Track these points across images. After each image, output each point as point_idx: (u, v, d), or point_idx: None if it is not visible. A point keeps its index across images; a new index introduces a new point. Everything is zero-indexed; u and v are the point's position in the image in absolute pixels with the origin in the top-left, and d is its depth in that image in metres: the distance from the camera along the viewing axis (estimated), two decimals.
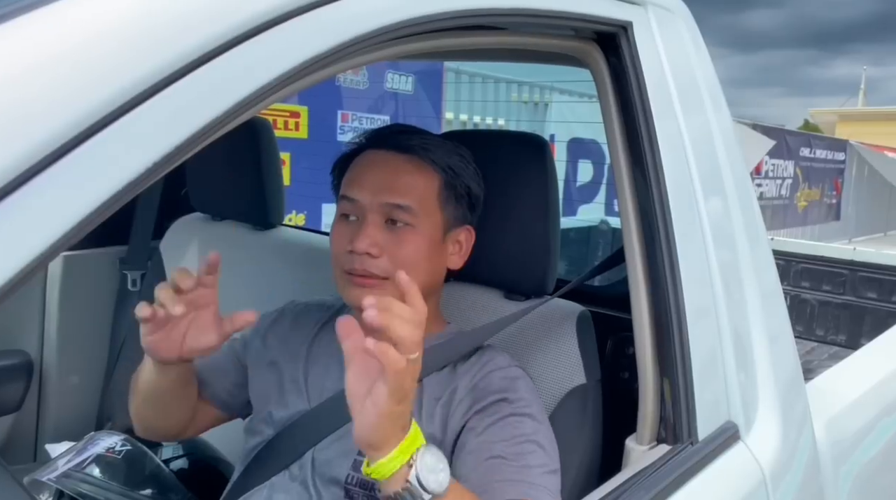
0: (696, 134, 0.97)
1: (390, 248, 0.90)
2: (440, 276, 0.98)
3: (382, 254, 0.90)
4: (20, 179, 0.42)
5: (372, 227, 0.90)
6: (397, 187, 0.91)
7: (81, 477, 1.10)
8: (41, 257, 0.42)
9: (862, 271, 2.83)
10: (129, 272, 1.69)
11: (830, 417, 1.18)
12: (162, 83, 0.48)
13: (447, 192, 0.95)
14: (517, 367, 0.94)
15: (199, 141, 0.49)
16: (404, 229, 0.91)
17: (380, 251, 0.89)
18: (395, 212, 0.91)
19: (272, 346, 1.06)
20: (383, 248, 0.90)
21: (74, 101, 0.45)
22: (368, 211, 0.91)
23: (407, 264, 0.89)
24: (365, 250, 0.89)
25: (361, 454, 0.90)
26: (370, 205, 0.91)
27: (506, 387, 0.90)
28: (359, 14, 0.61)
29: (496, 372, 0.92)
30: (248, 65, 0.53)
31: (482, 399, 0.89)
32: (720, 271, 0.96)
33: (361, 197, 0.91)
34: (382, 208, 0.91)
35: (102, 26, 0.49)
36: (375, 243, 0.89)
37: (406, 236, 0.91)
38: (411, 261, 0.90)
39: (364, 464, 0.72)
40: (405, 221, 0.91)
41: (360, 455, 0.89)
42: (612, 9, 0.88)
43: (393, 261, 0.90)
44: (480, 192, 1.00)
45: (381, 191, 0.91)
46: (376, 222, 0.91)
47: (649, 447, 0.89)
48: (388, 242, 0.90)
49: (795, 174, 10.12)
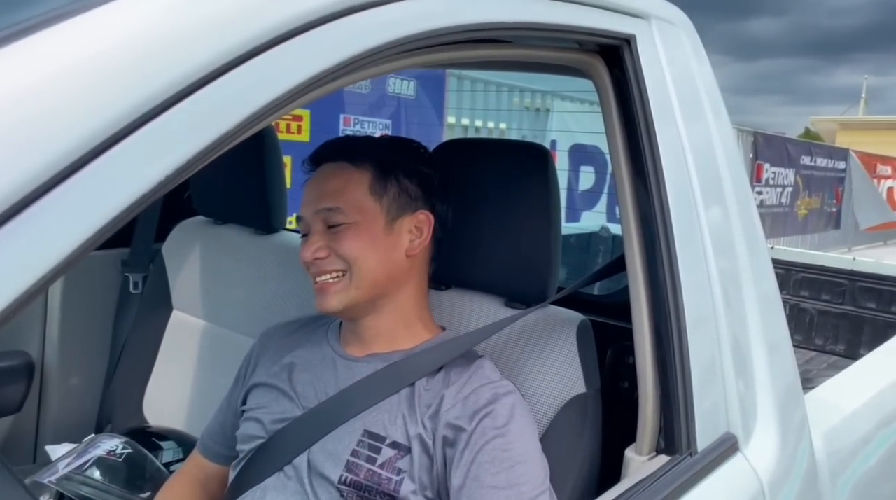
0: (697, 144, 0.98)
1: (333, 246, 0.96)
2: (399, 264, 0.99)
3: (330, 254, 0.96)
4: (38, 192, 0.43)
5: (315, 235, 0.97)
6: (326, 193, 0.97)
7: (82, 480, 1.11)
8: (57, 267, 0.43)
9: (861, 280, 2.83)
10: (130, 275, 1.69)
11: (828, 428, 1.19)
12: (176, 97, 0.49)
13: (379, 183, 0.99)
14: (507, 382, 0.95)
15: (210, 154, 0.49)
16: (342, 228, 0.96)
17: (327, 252, 0.96)
18: (329, 216, 0.96)
19: (260, 372, 1.08)
20: (329, 248, 0.96)
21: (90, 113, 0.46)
22: (312, 223, 0.98)
23: (352, 255, 0.95)
24: (311, 258, 0.96)
25: (355, 454, 0.91)
26: (311, 217, 0.98)
27: (491, 401, 0.90)
28: (370, 28, 0.62)
29: (486, 386, 0.92)
30: (261, 78, 0.54)
31: (470, 417, 0.89)
32: (720, 279, 0.97)
33: (304, 213, 0.99)
34: (319, 216, 0.97)
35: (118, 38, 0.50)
36: (320, 247, 0.96)
37: (345, 234, 0.96)
38: (355, 254, 0.96)
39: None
40: (339, 221, 0.96)
41: (352, 457, 0.91)
42: (616, 22, 0.88)
43: (340, 256, 0.96)
44: (428, 173, 1.03)
45: (314, 200, 0.98)
46: (319, 230, 0.97)
47: (648, 458, 0.90)
48: (330, 241, 0.96)
49: (796, 182, 10.12)
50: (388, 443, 0.91)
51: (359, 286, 0.96)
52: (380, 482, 0.89)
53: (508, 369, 1.00)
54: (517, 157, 1.08)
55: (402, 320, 1.01)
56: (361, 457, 0.91)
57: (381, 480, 0.89)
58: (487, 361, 0.98)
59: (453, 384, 0.93)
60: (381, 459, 0.90)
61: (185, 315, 1.57)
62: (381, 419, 0.92)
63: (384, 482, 0.89)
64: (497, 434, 0.87)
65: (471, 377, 0.93)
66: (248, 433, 1.02)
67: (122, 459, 1.16)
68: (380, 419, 0.93)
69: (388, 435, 0.91)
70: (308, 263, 0.96)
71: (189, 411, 1.51)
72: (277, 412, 1.00)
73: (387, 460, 0.90)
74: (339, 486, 0.91)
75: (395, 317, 1.00)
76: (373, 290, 0.97)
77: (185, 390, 1.53)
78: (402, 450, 0.90)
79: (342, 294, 0.96)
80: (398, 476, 0.89)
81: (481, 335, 0.99)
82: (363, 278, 0.96)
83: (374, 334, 1.00)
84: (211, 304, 1.53)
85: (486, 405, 0.90)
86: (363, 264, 0.96)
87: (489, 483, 0.84)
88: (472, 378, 0.93)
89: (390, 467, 0.89)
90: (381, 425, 0.92)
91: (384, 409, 0.93)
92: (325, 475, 0.92)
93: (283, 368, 1.04)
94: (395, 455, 0.90)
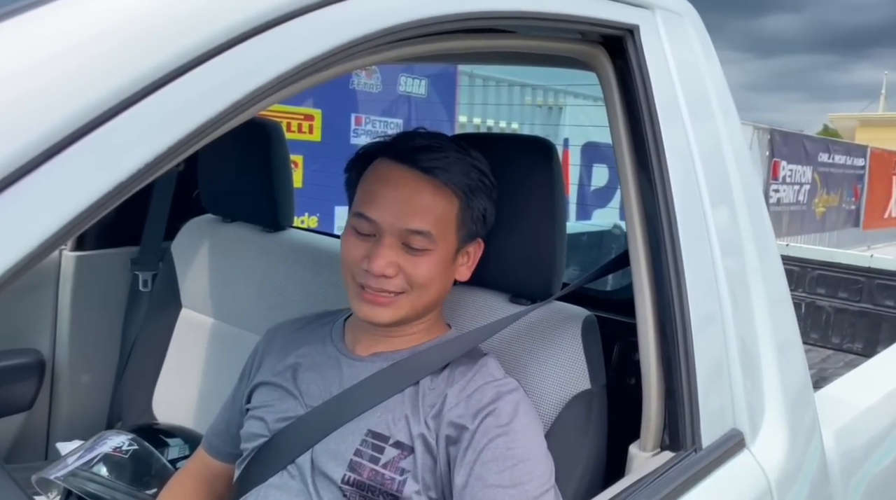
0: (704, 140, 0.96)
1: (406, 268, 0.91)
2: (449, 288, 0.99)
3: (398, 273, 0.91)
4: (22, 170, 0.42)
5: (388, 249, 0.90)
6: (417, 213, 0.90)
7: (89, 476, 1.11)
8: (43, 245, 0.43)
9: (879, 278, 2.79)
10: (140, 273, 1.70)
11: (840, 426, 1.17)
12: (162, 80, 0.49)
13: (464, 214, 0.94)
14: (511, 379, 0.94)
15: (196, 140, 0.49)
16: (421, 253, 0.91)
17: (396, 272, 0.90)
18: (412, 238, 0.90)
19: (264, 370, 1.07)
20: (400, 267, 0.91)
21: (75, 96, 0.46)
22: (386, 233, 0.91)
23: (422, 283, 0.91)
24: (381, 272, 0.89)
25: (358, 454, 0.90)
26: (389, 228, 0.91)
27: (494, 399, 0.89)
28: (365, 15, 0.61)
29: (490, 384, 0.91)
30: (244, 68, 0.53)
31: (473, 415, 0.88)
32: (727, 279, 0.95)
33: (380, 219, 0.91)
34: (400, 232, 0.91)
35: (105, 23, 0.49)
36: (392, 265, 0.90)
37: (422, 260, 0.91)
38: (426, 281, 0.92)
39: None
40: (422, 246, 0.91)
41: (355, 456, 0.91)
42: (619, 12, 0.87)
43: (408, 281, 0.91)
44: (494, 205, 0.99)
45: (400, 215, 0.90)
46: (393, 245, 0.91)
47: (653, 454, 0.89)
48: (404, 263, 0.91)
49: (814, 180, 10.00)
50: (392, 443, 0.90)
51: (414, 308, 0.94)
52: (383, 482, 0.88)
53: (513, 366, 1.00)
54: (522, 151, 1.08)
55: (422, 327, 1.00)
56: (365, 457, 0.90)
57: (384, 480, 0.88)
58: (491, 358, 0.97)
59: (457, 382, 0.92)
60: (385, 459, 0.89)
61: (193, 313, 1.58)
62: (384, 419, 0.92)
63: (387, 481, 0.88)
64: (500, 433, 0.86)
65: (475, 375, 0.93)
66: (252, 432, 1.02)
67: (128, 456, 1.17)
68: (383, 418, 0.92)
69: (391, 435, 0.91)
70: (370, 273, 0.90)
71: (198, 409, 1.52)
72: (281, 411, 0.99)
73: (390, 459, 0.89)
74: (342, 485, 0.90)
75: (419, 326, 0.99)
76: (421, 312, 0.96)
77: (194, 387, 1.53)
78: (406, 450, 0.90)
79: (396, 311, 0.93)
80: (401, 476, 0.88)
81: (486, 333, 0.98)
82: (422, 302, 0.94)
83: (388, 336, 0.99)
84: (219, 302, 1.53)
85: (489, 404, 0.89)
86: (427, 292, 0.93)
87: (493, 482, 0.83)
88: (476, 376, 0.93)
89: (393, 466, 0.89)
90: (385, 424, 0.91)
91: (388, 409, 0.92)
92: (327, 475, 0.92)
93: (288, 367, 1.03)
94: (399, 455, 0.90)
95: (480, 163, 0.97)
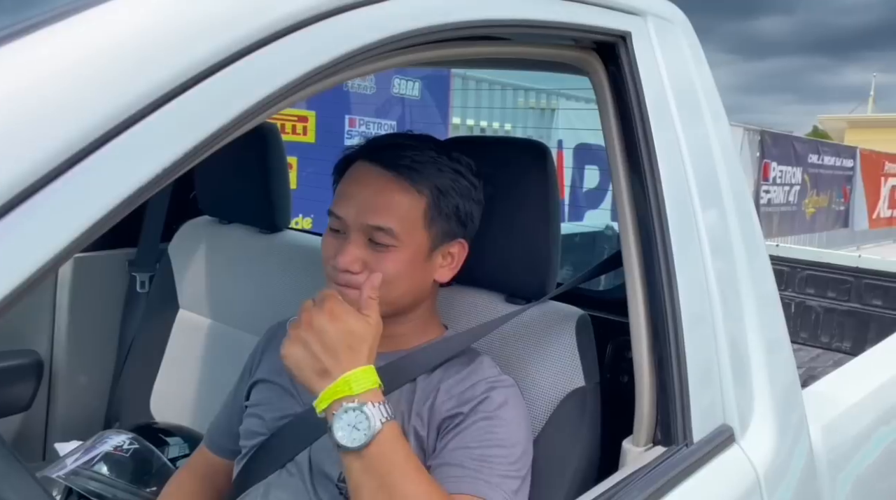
0: (694, 143, 0.98)
1: (371, 264, 0.92)
2: (425, 288, 0.99)
3: (363, 270, 0.91)
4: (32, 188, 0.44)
5: (353, 245, 0.92)
6: (379, 209, 0.92)
7: (90, 475, 1.13)
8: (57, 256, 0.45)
9: (867, 278, 2.82)
10: (137, 274, 1.71)
11: (827, 422, 1.19)
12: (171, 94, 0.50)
13: (433, 212, 0.95)
14: (506, 377, 0.96)
15: (204, 150, 0.51)
16: (385, 249, 0.92)
17: (361, 267, 0.91)
18: (375, 233, 0.92)
19: (263, 369, 1.09)
20: (365, 263, 0.92)
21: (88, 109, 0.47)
22: (351, 229, 0.93)
23: (388, 280, 0.91)
24: (345, 268, 0.91)
25: None
26: (353, 224, 0.93)
27: (488, 390, 0.91)
28: (366, 25, 0.63)
29: (484, 381, 0.93)
30: (257, 75, 0.55)
31: (464, 403, 0.91)
32: (717, 279, 0.97)
33: (346, 215, 0.93)
34: (364, 228, 0.92)
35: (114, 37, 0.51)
36: (356, 260, 0.91)
37: (386, 256, 0.92)
38: (391, 278, 0.92)
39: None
40: (385, 242, 0.92)
41: None
42: (611, 19, 0.89)
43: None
44: (475, 206, 1.00)
45: (363, 211, 0.92)
46: (358, 241, 0.92)
47: (645, 449, 0.91)
48: (370, 258, 0.92)
49: (803, 181, 10.07)
50: None
51: (384, 305, 0.92)
52: None
53: (509, 364, 1.01)
54: (516, 153, 1.10)
55: (413, 325, 1.01)
56: None
57: None
58: (486, 358, 0.99)
59: (450, 378, 0.94)
60: None
61: (191, 314, 1.59)
62: None
63: None
64: (485, 416, 0.89)
65: (469, 374, 0.94)
66: (251, 430, 1.03)
67: (128, 454, 1.18)
68: None
69: None
70: (338, 269, 0.92)
71: (195, 409, 1.53)
72: (279, 409, 1.01)
73: None
74: (339, 483, 0.92)
75: (408, 324, 1.00)
76: (392, 308, 0.95)
77: (192, 388, 1.54)
78: None
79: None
80: None
81: (482, 332, 1.00)
82: (388, 299, 0.93)
83: (383, 335, 0.96)
84: (217, 303, 1.55)
85: (481, 394, 0.91)
86: (393, 289, 0.93)
87: (461, 446, 0.86)
88: (471, 375, 0.94)
89: None
90: None
91: None
92: (325, 473, 0.93)
93: (282, 367, 1.04)
94: None
95: (460, 164, 0.97)
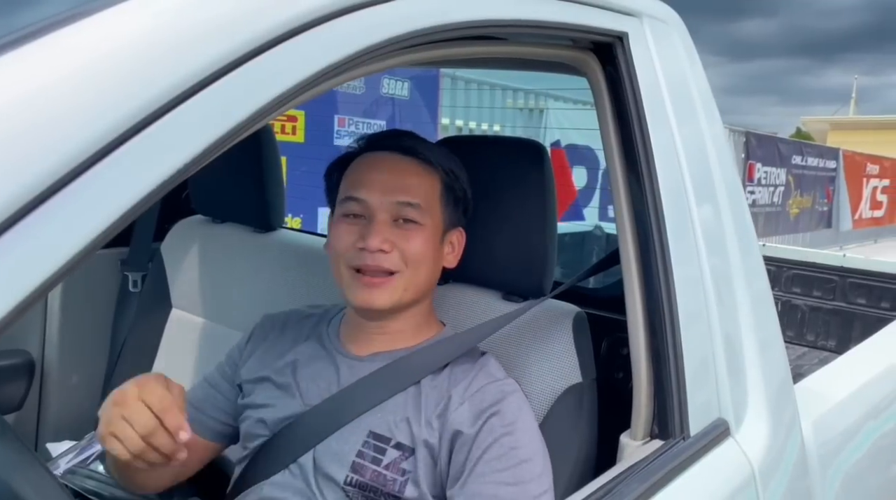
0: (690, 142, 1.00)
1: (400, 244, 0.93)
2: (437, 276, 1.01)
3: (393, 249, 0.93)
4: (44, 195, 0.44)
5: (381, 225, 0.93)
6: (406, 187, 0.94)
7: (87, 473, 1.12)
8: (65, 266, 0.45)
9: (852, 277, 2.86)
10: (130, 273, 1.71)
11: (817, 417, 1.21)
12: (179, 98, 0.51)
13: (447, 194, 0.99)
14: (511, 380, 0.96)
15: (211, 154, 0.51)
16: (412, 227, 0.94)
17: (391, 247, 0.93)
18: (404, 210, 0.94)
19: (260, 362, 1.07)
20: (394, 243, 0.93)
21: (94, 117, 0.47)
22: (378, 210, 0.93)
23: (415, 259, 0.93)
24: (378, 247, 0.91)
25: (360, 455, 0.91)
26: (380, 204, 0.94)
27: (498, 400, 0.91)
28: (367, 27, 0.64)
29: (492, 384, 0.93)
30: (263, 77, 0.56)
31: (477, 415, 0.90)
32: (712, 276, 0.99)
33: (370, 197, 0.94)
34: (392, 207, 0.94)
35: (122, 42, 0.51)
36: (387, 241, 0.92)
37: (414, 233, 0.94)
38: (419, 256, 0.94)
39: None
40: (414, 218, 0.94)
41: (358, 458, 0.91)
42: (609, 20, 0.91)
43: (402, 256, 0.93)
44: (469, 192, 1.04)
45: (390, 190, 0.94)
46: (386, 221, 0.93)
47: (643, 443, 0.92)
48: (398, 239, 0.93)
49: (787, 182, 10.17)
50: (393, 444, 0.91)
51: (407, 289, 0.94)
52: (384, 483, 0.90)
53: (507, 361, 1.02)
54: (513, 153, 1.11)
55: (415, 322, 1.01)
56: (367, 458, 0.91)
57: (385, 481, 0.90)
58: (492, 358, 0.99)
59: (460, 382, 0.93)
60: (387, 460, 0.91)
61: (184, 313, 1.58)
62: (386, 420, 0.93)
63: (389, 482, 0.90)
64: (505, 432, 0.89)
65: (476, 375, 0.94)
66: (252, 432, 1.02)
67: None
68: (385, 419, 0.93)
69: (392, 436, 0.92)
70: (367, 250, 0.91)
71: None
72: (281, 410, 0.99)
73: (392, 461, 0.90)
74: (345, 486, 0.91)
75: (411, 319, 1.00)
76: (416, 295, 0.96)
77: (185, 387, 1.54)
78: (407, 451, 0.91)
79: (393, 294, 0.94)
80: (403, 477, 0.90)
81: (486, 331, 1.00)
82: (417, 283, 0.95)
83: (383, 332, 1.00)
84: (210, 302, 1.54)
85: (493, 404, 0.91)
86: (421, 270, 0.94)
87: (496, 479, 0.85)
88: (479, 376, 0.94)
89: (395, 468, 0.90)
90: (387, 426, 0.92)
91: (389, 409, 0.93)
92: (330, 476, 0.92)
93: (287, 364, 1.03)
94: (400, 456, 0.91)
95: (455, 157, 1.02)
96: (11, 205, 0.43)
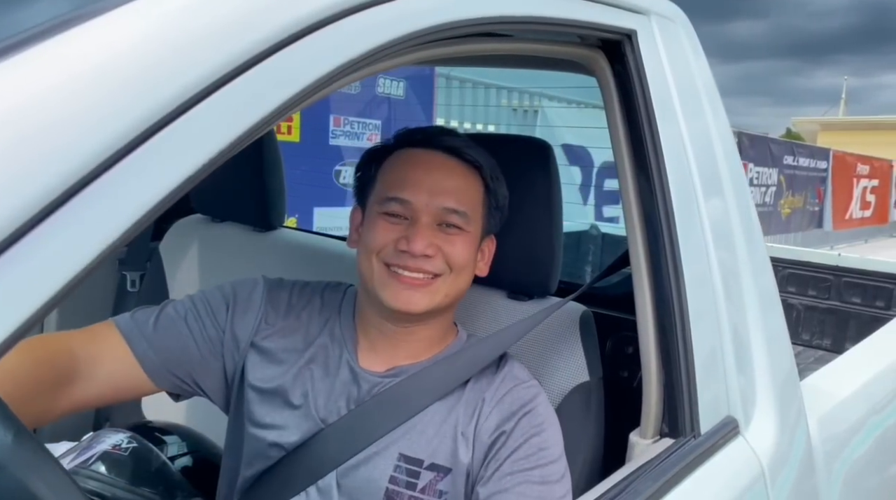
0: (697, 138, 1.00)
1: (444, 248, 0.90)
2: (470, 282, 0.97)
3: (437, 253, 0.89)
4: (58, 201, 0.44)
5: (426, 228, 0.89)
6: (453, 192, 0.90)
7: (88, 474, 1.11)
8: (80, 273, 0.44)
9: (846, 276, 2.87)
10: (128, 273, 1.69)
11: (822, 414, 1.22)
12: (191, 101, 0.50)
13: (489, 200, 0.95)
14: (535, 381, 0.95)
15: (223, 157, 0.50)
16: (456, 233, 0.91)
17: (435, 251, 0.89)
18: (450, 216, 0.90)
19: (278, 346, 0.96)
20: (438, 247, 0.89)
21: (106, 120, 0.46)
22: (422, 213, 0.89)
23: (459, 264, 0.90)
24: (422, 252, 0.88)
25: (393, 481, 0.86)
26: (425, 207, 0.89)
27: (529, 400, 0.90)
28: (377, 26, 0.63)
29: (519, 387, 0.92)
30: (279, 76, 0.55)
31: (508, 417, 0.89)
32: (720, 271, 0.99)
33: (416, 199, 0.89)
34: (437, 212, 0.90)
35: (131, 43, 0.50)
36: (432, 245, 0.89)
37: (458, 239, 0.91)
38: (463, 262, 0.91)
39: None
40: (459, 225, 0.90)
41: (391, 484, 0.87)
42: (617, 17, 0.90)
43: (447, 261, 0.90)
44: (507, 196, 0.99)
45: (436, 194, 0.90)
46: (430, 224, 0.89)
47: (653, 441, 0.92)
48: (442, 243, 0.90)
49: (779, 182, 10.23)
50: (427, 465, 0.88)
51: (448, 294, 0.91)
52: None
53: (515, 359, 1.02)
54: (520, 151, 1.10)
55: (441, 328, 0.97)
56: (401, 484, 0.87)
57: None
58: (516, 361, 0.97)
59: (487, 390, 0.91)
60: (422, 483, 0.87)
61: None
62: (415, 441, 0.89)
63: None
64: (535, 432, 0.87)
65: (503, 379, 0.92)
66: (264, 453, 0.93)
67: (127, 453, 1.16)
68: (414, 439, 0.89)
69: (425, 458, 0.88)
70: (410, 253, 0.87)
71: (187, 409, 1.51)
72: (294, 428, 0.92)
73: (427, 483, 0.87)
74: None
75: (437, 326, 0.96)
76: (451, 301, 0.93)
77: None
78: (442, 471, 0.88)
79: (433, 297, 0.89)
80: (440, 499, 0.87)
81: (509, 338, 0.96)
82: (457, 288, 0.91)
83: (409, 340, 0.94)
84: None
85: (523, 405, 0.89)
86: (462, 275, 0.91)
87: (524, 479, 0.84)
88: (506, 380, 0.92)
89: (431, 490, 0.87)
90: (417, 446, 0.88)
91: (417, 429, 0.89)
92: None
93: (301, 371, 0.94)
94: (436, 478, 0.87)
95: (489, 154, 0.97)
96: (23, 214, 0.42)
